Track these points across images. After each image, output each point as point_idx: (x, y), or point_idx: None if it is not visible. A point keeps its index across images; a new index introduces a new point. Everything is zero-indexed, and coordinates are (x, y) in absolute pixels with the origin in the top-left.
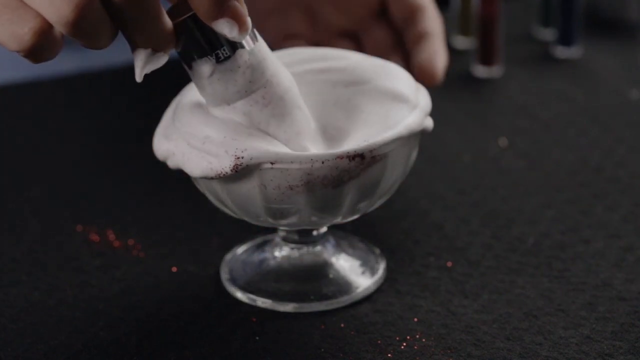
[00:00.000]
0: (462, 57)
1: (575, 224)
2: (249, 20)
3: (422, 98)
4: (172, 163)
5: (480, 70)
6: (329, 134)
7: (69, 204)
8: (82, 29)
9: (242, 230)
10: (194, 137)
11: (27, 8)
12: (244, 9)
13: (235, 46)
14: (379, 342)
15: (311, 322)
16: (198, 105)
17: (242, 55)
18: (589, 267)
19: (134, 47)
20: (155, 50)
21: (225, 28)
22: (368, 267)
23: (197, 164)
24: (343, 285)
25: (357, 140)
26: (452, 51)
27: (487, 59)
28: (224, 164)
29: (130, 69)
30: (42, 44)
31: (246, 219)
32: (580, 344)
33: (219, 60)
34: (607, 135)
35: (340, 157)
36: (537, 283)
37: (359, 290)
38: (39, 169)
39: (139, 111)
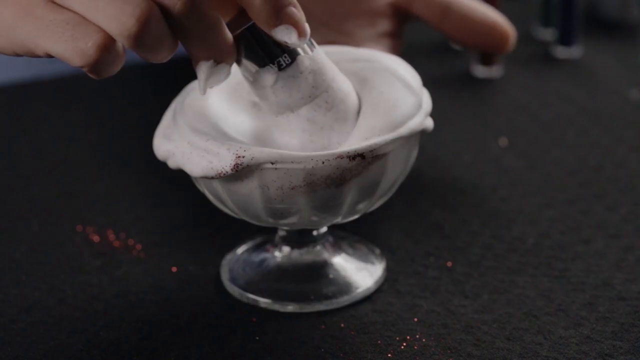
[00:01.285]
0: (462, 57)
1: (575, 224)
2: (307, 25)
3: (423, 98)
4: (172, 163)
5: (480, 70)
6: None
7: (69, 204)
8: (145, 42)
9: (242, 230)
10: (195, 137)
11: (89, 23)
12: (301, 15)
13: (295, 53)
14: (379, 342)
15: (311, 322)
16: (198, 105)
17: (304, 61)
18: (589, 267)
19: (196, 61)
20: (217, 62)
21: (284, 35)
22: (368, 267)
23: (197, 163)
24: (343, 285)
25: (362, 129)
26: (452, 51)
27: (487, 59)
28: (225, 164)
29: (133, 68)
30: (106, 58)
31: (246, 219)
32: (580, 344)
33: (281, 68)
34: (607, 135)
35: (340, 156)
36: (537, 283)
37: (359, 290)
38: (39, 169)
39: (139, 111)
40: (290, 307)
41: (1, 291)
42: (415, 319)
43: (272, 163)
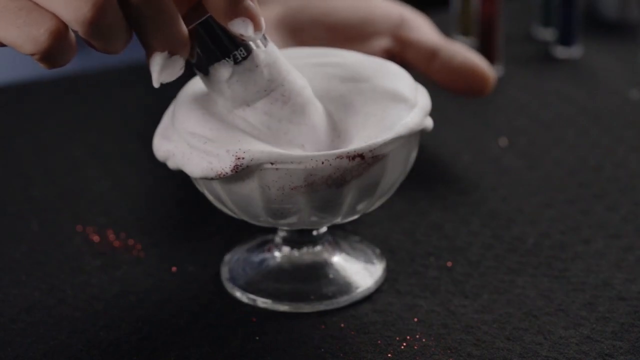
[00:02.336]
0: None
1: (575, 224)
2: (263, 19)
3: (421, 98)
4: (172, 164)
5: None
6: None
7: (69, 204)
8: (99, 30)
9: (242, 230)
10: (194, 138)
11: (43, 10)
12: (257, 8)
13: (250, 47)
14: (379, 342)
15: (311, 322)
16: (198, 106)
17: (259, 55)
18: (589, 267)
19: (150, 52)
20: (172, 53)
21: (240, 27)
22: (368, 267)
23: (197, 164)
24: (343, 285)
25: (356, 140)
26: None
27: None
28: (225, 165)
29: (131, 68)
30: (58, 46)
31: (246, 219)
32: (580, 344)
33: (236, 62)
34: (607, 135)
35: (340, 157)
36: (537, 283)
37: (359, 290)
38: (39, 169)
39: (139, 111)
40: (290, 307)
41: (1, 291)
42: (415, 319)
43: (272, 163)
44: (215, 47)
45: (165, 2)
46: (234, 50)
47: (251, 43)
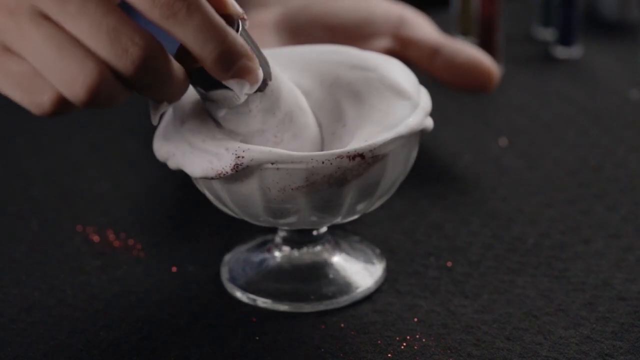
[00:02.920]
0: None
1: (575, 224)
2: (260, 73)
3: (422, 98)
4: (172, 164)
5: None
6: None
7: (69, 204)
8: (96, 104)
9: (242, 230)
10: (195, 137)
11: (44, 78)
12: (253, 64)
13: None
14: (379, 342)
15: (311, 322)
16: (198, 106)
17: (254, 101)
18: (589, 267)
19: (148, 99)
20: (169, 102)
21: (236, 87)
22: (368, 267)
23: (197, 164)
24: (343, 285)
25: (357, 139)
26: None
27: None
28: (225, 164)
29: None
30: (63, 110)
31: (246, 219)
32: (580, 344)
33: (230, 106)
34: (607, 135)
35: (340, 156)
36: (537, 283)
37: (359, 290)
38: (39, 169)
39: (139, 111)
40: (290, 307)
41: (1, 291)
42: (415, 319)
43: (272, 163)
44: (209, 92)
45: (161, 69)
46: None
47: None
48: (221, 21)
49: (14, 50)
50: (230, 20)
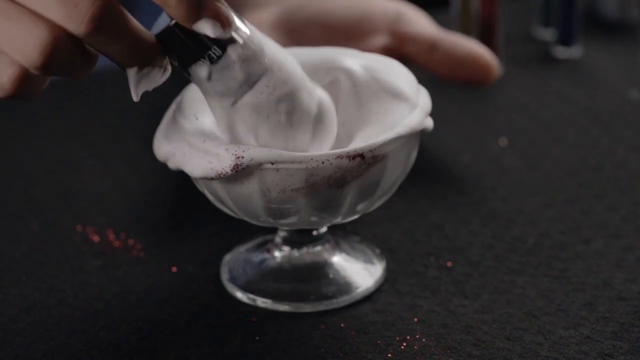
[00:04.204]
0: None
1: (575, 224)
2: (231, 14)
3: (422, 98)
4: (172, 164)
5: None
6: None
7: (69, 204)
8: (56, 68)
9: (242, 230)
10: (195, 138)
11: (2, 55)
12: (224, 5)
13: (225, 43)
14: (379, 342)
15: (311, 322)
16: (198, 106)
17: (235, 50)
18: (589, 267)
19: (122, 68)
20: (142, 66)
21: (207, 29)
22: (368, 267)
23: (197, 164)
24: (343, 285)
25: (357, 140)
26: None
27: None
28: (225, 164)
29: None
30: (23, 88)
31: (246, 219)
32: (580, 344)
33: (212, 61)
34: (607, 135)
35: (340, 156)
36: (537, 283)
37: (359, 290)
38: (39, 169)
39: (139, 111)
40: (290, 307)
41: (1, 291)
42: (415, 319)
43: (272, 163)
44: (187, 50)
45: (117, 26)
46: (207, 50)
47: (228, 37)
48: None
49: None
50: None
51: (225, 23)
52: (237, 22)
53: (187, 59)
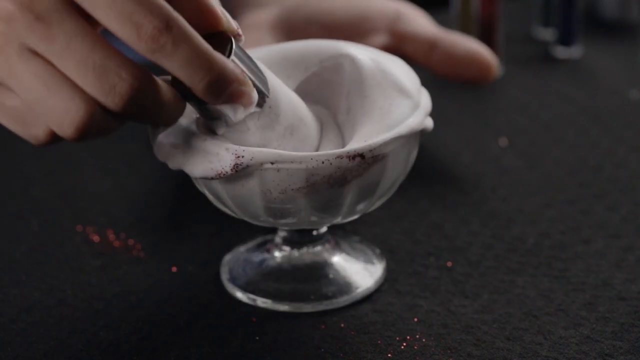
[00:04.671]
0: None
1: (575, 224)
2: (253, 95)
3: (422, 98)
4: (172, 164)
5: None
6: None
7: (69, 204)
8: (89, 138)
9: (242, 230)
10: (195, 138)
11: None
12: (246, 87)
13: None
14: (379, 342)
15: (311, 322)
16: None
17: (252, 119)
18: (589, 267)
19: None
20: (167, 126)
21: (229, 111)
22: (368, 267)
23: (197, 164)
24: (343, 285)
25: (357, 138)
26: None
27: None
28: (224, 164)
29: None
30: (59, 140)
31: (246, 219)
32: (580, 344)
33: (229, 125)
34: (607, 135)
35: (340, 156)
36: (537, 283)
37: (359, 290)
38: (39, 169)
39: None
40: (290, 307)
41: (1, 291)
42: (415, 319)
43: (272, 163)
44: (205, 114)
45: (150, 101)
46: (225, 115)
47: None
48: (208, 49)
49: (5, 85)
50: (225, 37)
51: (246, 105)
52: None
53: (206, 116)
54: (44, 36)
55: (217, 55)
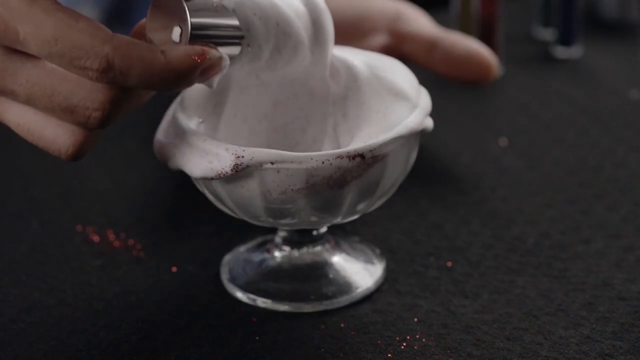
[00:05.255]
0: None
1: (575, 224)
2: (222, 62)
3: (422, 98)
4: (172, 164)
5: None
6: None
7: (69, 204)
8: (88, 149)
9: (242, 230)
10: (195, 137)
11: (60, 126)
12: (212, 60)
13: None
14: (379, 342)
15: (311, 322)
16: (198, 105)
17: (234, 64)
18: (589, 267)
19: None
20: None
21: (206, 83)
22: (368, 267)
23: (197, 164)
24: (343, 285)
25: (357, 140)
26: None
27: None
28: (224, 164)
29: None
30: (84, 152)
31: (246, 219)
32: (580, 344)
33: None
34: (607, 135)
35: (340, 156)
36: (537, 283)
37: (359, 290)
38: (39, 169)
39: (139, 111)
40: (290, 307)
41: (1, 291)
42: (415, 319)
43: (272, 163)
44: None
45: (132, 102)
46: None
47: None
48: (157, 59)
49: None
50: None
51: (218, 72)
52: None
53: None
54: (7, 93)
55: (171, 57)
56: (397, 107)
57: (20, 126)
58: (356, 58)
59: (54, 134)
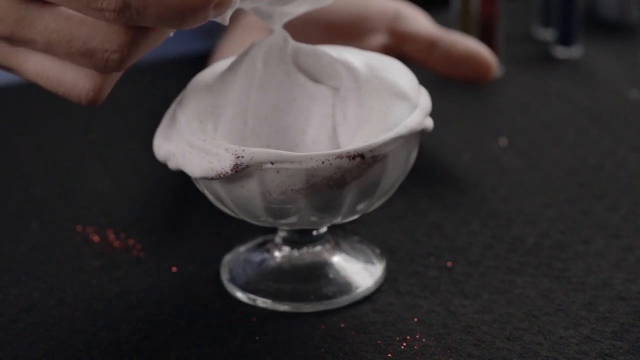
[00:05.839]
0: None
1: (575, 224)
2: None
3: (422, 98)
4: (172, 164)
5: None
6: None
7: (69, 204)
8: (107, 92)
9: (242, 230)
10: (195, 138)
11: (78, 72)
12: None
13: None
14: (379, 342)
15: (311, 322)
16: (198, 106)
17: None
18: (589, 267)
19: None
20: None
21: (219, 19)
22: (368, 267)
23: (197, 164)
24: (343, 285)
25: (357, 140)
26: None
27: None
28: (224, 164)
29: (131, 68)
30: (103, 95)
31: (246, 219)
32: (580, 344)
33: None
34: (607, 135)
35: (340, 156)
36: (537, 283)
37: (359, 290)
38: (39, 169)
39: (139, 111)
40: (290, 307)
41: (1, 291)
42: (415, 319)
43: (272, 163)
44: None
45: (150, 42)
46: None
47: None
48: None
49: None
50: None
51: (229, 6)
52: None
53: None
54: (26, 42)
55: None
56: (397, 107)
57: (39, 75)
58: (356, 58)
59: (73, 80)
